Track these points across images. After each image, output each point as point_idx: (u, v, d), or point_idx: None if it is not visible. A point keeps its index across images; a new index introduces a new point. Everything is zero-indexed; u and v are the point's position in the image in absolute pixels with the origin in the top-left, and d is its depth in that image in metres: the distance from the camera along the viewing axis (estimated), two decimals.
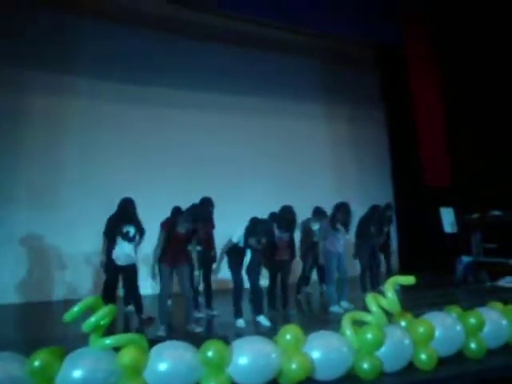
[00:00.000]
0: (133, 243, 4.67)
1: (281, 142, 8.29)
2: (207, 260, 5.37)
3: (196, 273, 4.58)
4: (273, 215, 5.22)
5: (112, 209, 4.88)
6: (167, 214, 4.88)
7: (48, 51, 6.77)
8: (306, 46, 8.69)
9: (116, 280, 4.85)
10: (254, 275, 4.70)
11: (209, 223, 5.35)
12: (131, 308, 5.04)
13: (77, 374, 2.68)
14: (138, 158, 7.12)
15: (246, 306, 4.83)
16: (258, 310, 4.66)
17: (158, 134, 7.33)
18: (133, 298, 4.92)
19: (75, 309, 2.89)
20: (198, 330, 4.33)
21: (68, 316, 2.88)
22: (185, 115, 7.59)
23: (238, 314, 4.57)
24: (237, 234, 4.66)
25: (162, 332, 4.21)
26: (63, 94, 6.96)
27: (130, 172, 6.93)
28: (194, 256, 4.61)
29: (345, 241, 5.44)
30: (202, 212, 4.66)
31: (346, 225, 5.39)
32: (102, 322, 2.89)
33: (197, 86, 7.68)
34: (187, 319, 4.43)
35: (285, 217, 5.14)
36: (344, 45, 8.90)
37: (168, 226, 4.39)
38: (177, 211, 4.91)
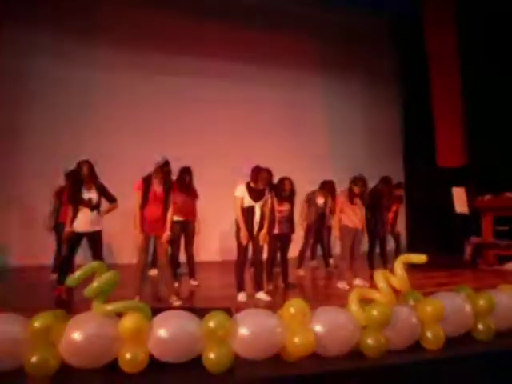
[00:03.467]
0: (96, 210, 4.39)
1: (291, 116, 8.13)
2: (188, 230, 5.25)
3: None
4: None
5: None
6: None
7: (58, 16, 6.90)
8: (319, 20, 8.44)
9: (74, 248, 4.46)
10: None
11: (191, 192, 5.28)
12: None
13: (79, 338, 2.65)
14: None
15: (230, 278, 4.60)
16: (258, 286, 4.49)
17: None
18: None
19: (77, 273, 2.82)
20: (178, 303, 4.12)
21: (70, 281, 2.82)
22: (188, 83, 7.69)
23: (239, 287, 4.40)
24: (240, 189, 4.34)
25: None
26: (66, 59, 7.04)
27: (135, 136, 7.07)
28: (169, 217, 4.22)
29: (363, 215, 5.29)
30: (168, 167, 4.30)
31: (362, 198, 5.24)
32: (105, 288, 2.83)
33: (202, 55, 7.70)
34: (168, 292, 4.27)
35: (284, 188, 4.98)
36: (357, 19, 8.59)
37: (143, 186, 4.13)
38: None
